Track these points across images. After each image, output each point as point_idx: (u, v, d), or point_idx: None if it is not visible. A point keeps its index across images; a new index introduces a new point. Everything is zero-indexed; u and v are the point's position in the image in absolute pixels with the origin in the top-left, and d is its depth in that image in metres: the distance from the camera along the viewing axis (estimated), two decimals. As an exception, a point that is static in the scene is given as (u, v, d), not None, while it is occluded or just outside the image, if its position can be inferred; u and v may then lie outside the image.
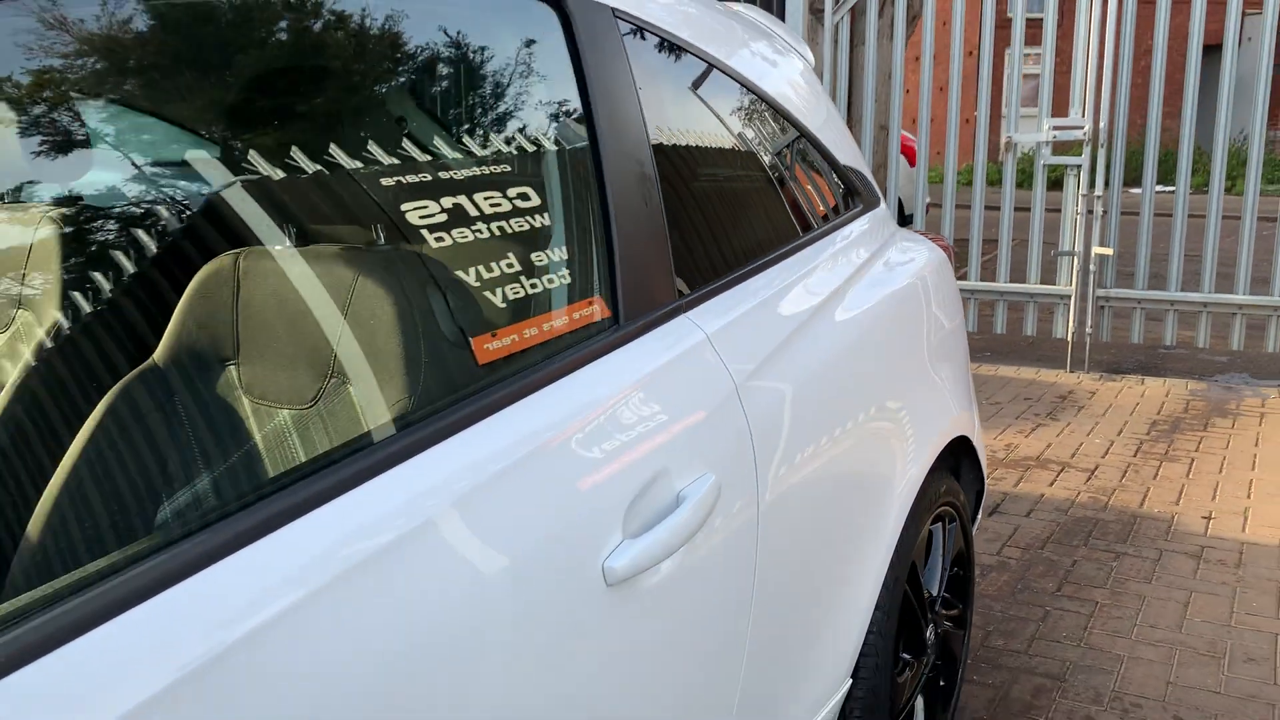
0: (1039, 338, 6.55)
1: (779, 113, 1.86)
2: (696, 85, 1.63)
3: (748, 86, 1.78)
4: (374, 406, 0.96)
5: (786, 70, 1.96)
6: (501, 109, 1.21)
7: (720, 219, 1.58)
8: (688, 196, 1.50)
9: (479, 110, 1.18)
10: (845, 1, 6.17)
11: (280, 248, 0.92)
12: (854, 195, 2.09)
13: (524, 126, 1.23)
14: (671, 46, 1.57)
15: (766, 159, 1.78)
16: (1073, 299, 5.94)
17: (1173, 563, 3.36)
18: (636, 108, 1.41)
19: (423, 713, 0.89)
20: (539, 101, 1.27)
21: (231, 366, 0.91)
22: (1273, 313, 5.63)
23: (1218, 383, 5.63)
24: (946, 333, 2.20)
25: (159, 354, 0.86)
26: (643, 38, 1.50)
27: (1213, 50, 13.23)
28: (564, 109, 1.30)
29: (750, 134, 1.75)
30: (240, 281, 0.91)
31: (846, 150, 2.11)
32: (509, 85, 1.22)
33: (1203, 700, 2.56)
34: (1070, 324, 5.95)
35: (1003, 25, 19.44)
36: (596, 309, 1.27)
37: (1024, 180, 13.99)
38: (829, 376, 1.64)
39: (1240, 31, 5.71)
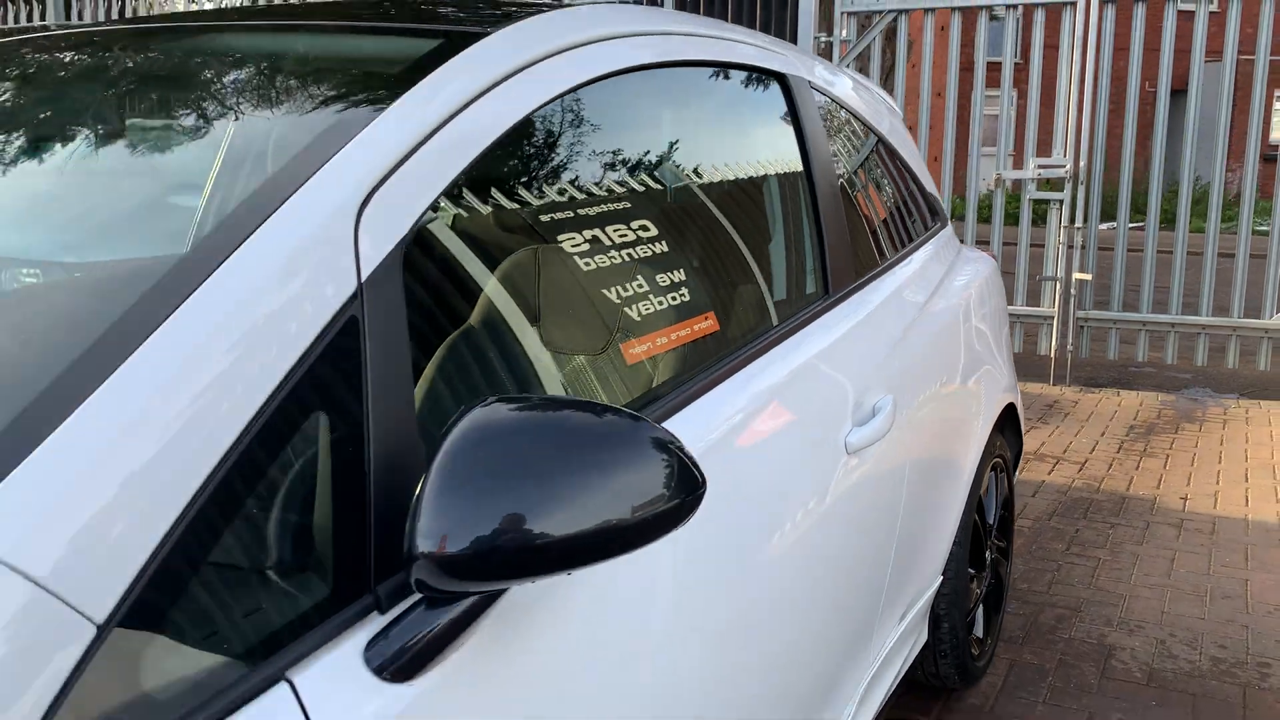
0: (1026, 354, 7.23)
1: (891, 151, 2.50)
2: (848, 128, 2.26)
3: (875, 132, 2.42)
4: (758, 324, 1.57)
5: (893, 120, 2.60)
6: (758, 141, 1.83)
7: (872, 227, 2.21)
8: (854, 210, 2.13)
9: (749, 140, 1.80)
10: (853, 50, 6.88)
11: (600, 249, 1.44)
12: (935, 214, 2.74)
13: (771, 155, 1.86)
14: (836, 102, 2.21)
15: (889, 185, 2.42)
16: (1055, 320, 6.64)
17: (1158, 531, 4.01)
18: (826, 143, 2.04)
19: (756, 501, 1.48)
20: (778, 136, 1.89)
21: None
22: (1231, 333, 6.36)
23: (1185, 395, 6.33)
24: (1001, 321, 2.85)
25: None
26: (820, 96, 2.13)
27: (1180, 93, 14.18)
28: (788, 144, 1.93)
29: (879, 166, 2.39)
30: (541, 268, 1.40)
31: (928, 181, 2.75)
32: (762, 125, 1.85)
33: (1190, 624, 3.20)
34: (1054, 342, 6.65)
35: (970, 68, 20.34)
36: (819, 286, 1.89)
37: (1010, 217, 14.82)
38: (940, 343, 2.27)
39: (1201, 79, 6.46)
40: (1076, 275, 6.55)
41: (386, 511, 0.95)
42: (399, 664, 0.90)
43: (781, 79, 1.96)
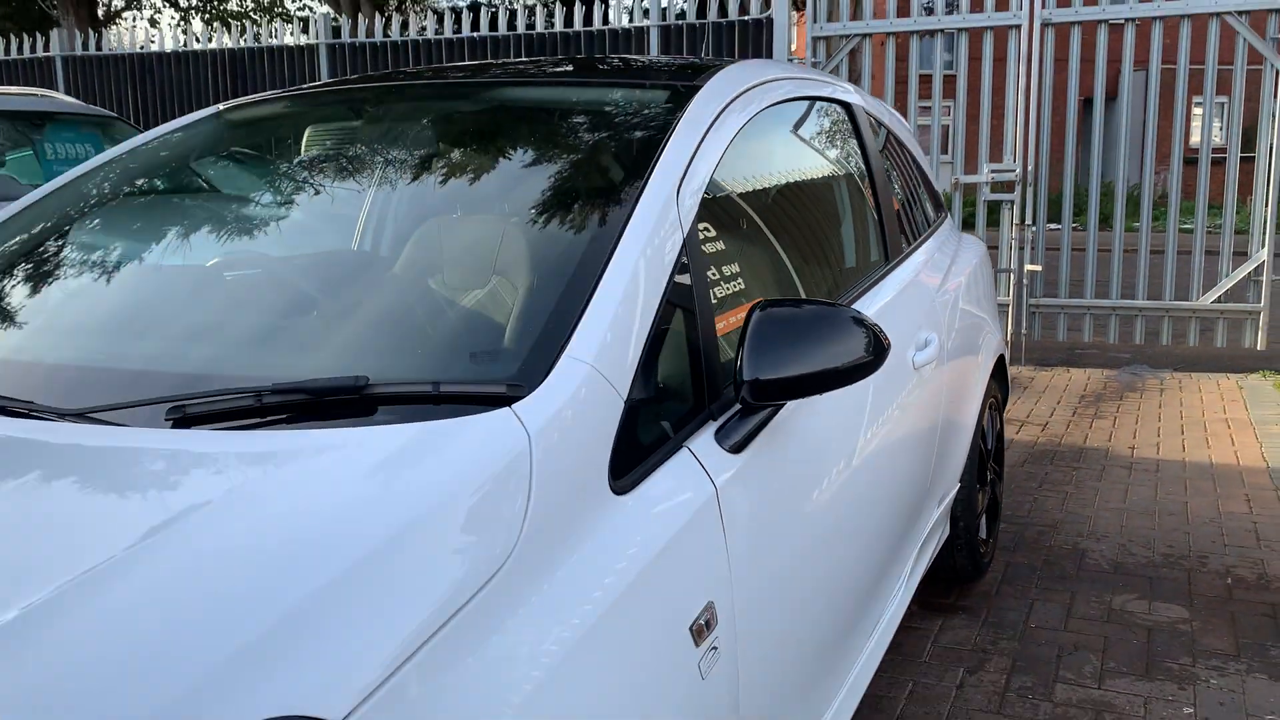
0: (983, 340, 8.03)
1: (912, 156, 3.26)
2: (886, 142, 3.01)
3: (901, 142, 3.17)
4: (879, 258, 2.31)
5: (907, 132, 3.35)
6: (844, 150, 2.56)
7: (908, 213, 2.95)
8: (897, 200, 2.87)
9: (841, 149, 2.53)
10: (823, 70, 7.68)
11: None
12: (939, 206, 3.49)
13: (851, 160, 2.59)
14: (877, 120, 2.95)
15: (914, 182, 3.17)
16: (1010, 307, 7.46)
17: (1112, 471, 4.80)
18: (878, 152, 2.78)
19: (875, 388, 2.20)
20: (851, 147, 2.62)
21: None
22: (1165, 314, 7.23)
23: (1126, 370, 7.18)
24: (992, 291, 3.61)
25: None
26: (868, 116, 2.87)
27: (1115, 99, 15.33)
28: (857, 153, 2.66)
29: (906, 168, 3.13)
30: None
31: (934, 180, 3.51)
32: (843, 139, 2.58)
33: (1144, 533, 3.97)
34: (1009, 327, 7.47)
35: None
36: (881, 255, 2.63)
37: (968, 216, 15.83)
38: (959, 300, 3.01)
39: (1130, 89, 7.35)
40: (1028, 267, 7.38)
41: (710, 364, 1.65)
42: (733, 443, 1.61)
43: (847, 106, 2.70)
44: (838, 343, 1.63)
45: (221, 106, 2.46)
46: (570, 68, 2.33)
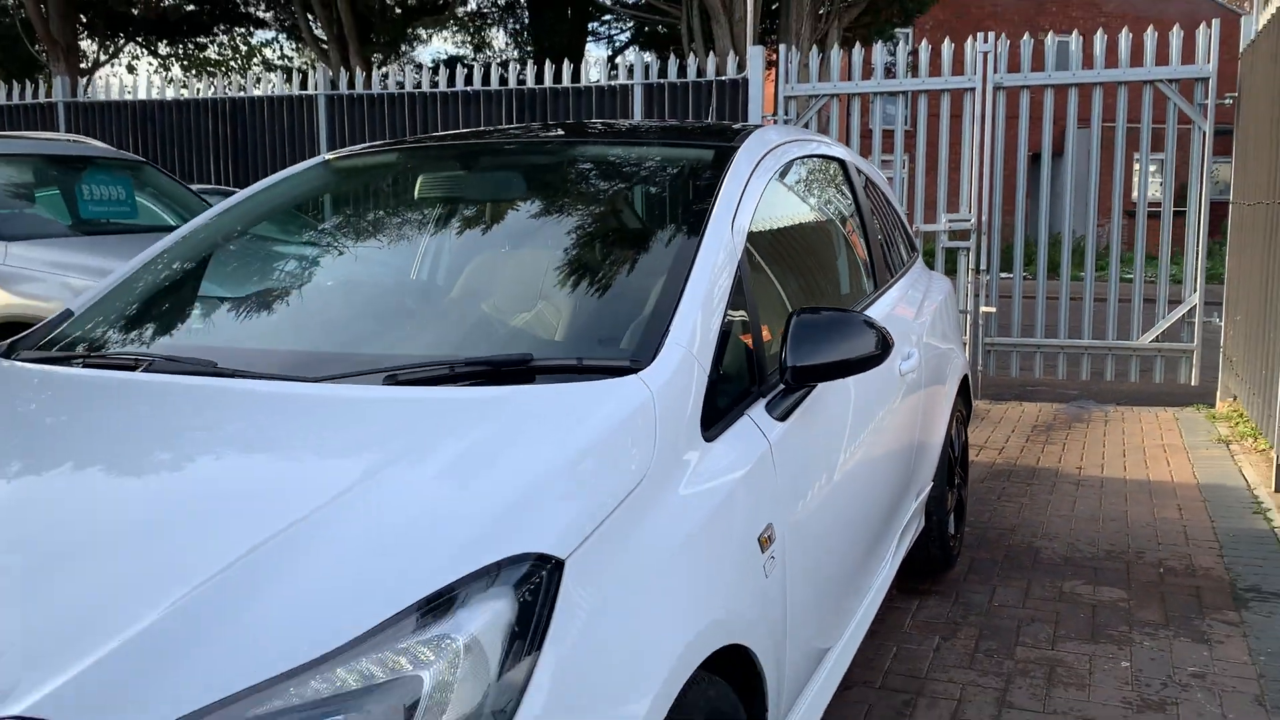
0: (943, 376, 8.65)
1: (889, 203, 3.84)
2: (868, 189, 3.59)
3: (882, 191, 3.75)
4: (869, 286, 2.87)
5: (885, 183, 3.94)
6: (841, 198, 3.13)
7: (888, 250, 3.53)
8: (881, 239, 3.44)
9: (840, 196, 3.10)
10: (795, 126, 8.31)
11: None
12: (912, 247, 4.08)
13: (846, 206, 3.16)
14: (862, 173, 3.53)
15: (891, 225, 3.75)
16: (967, 345, 8.09)
17: (1062, 487, 5.38)
18: (865, 199, 3.35)
19: (871, 389, 2.74)
20: (845, 196, 3.19)
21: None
22: (1108, 352, 7.90)
23: (1073, 405, 7.81)
24: (957, 320, 4.19)
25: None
26: (855, 168, 3.45)
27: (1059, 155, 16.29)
28: (850, 200, 3.23)
29: (885, 213, 3.71)
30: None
31: (906, 224, 4.10)
32: (840, 189, 3.16)
33: (1090, 534, 4.54)
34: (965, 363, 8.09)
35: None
36: (871, 283, 3.19)
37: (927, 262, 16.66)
38: (933, 323, 3.58)
39: (1074, 146, 8.07)
40: (983, 309, 8.02)
41: (759, 356, 2.18)
42: (779, 413, 2.14)
43: (841, 162, 3.27)
44: (855, 339, 2.17)
45: (330, 155, 2.98)
46: (630, 130, 2.89)
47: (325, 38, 16.59)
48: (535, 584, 1.40)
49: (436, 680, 1.27)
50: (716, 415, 1.97)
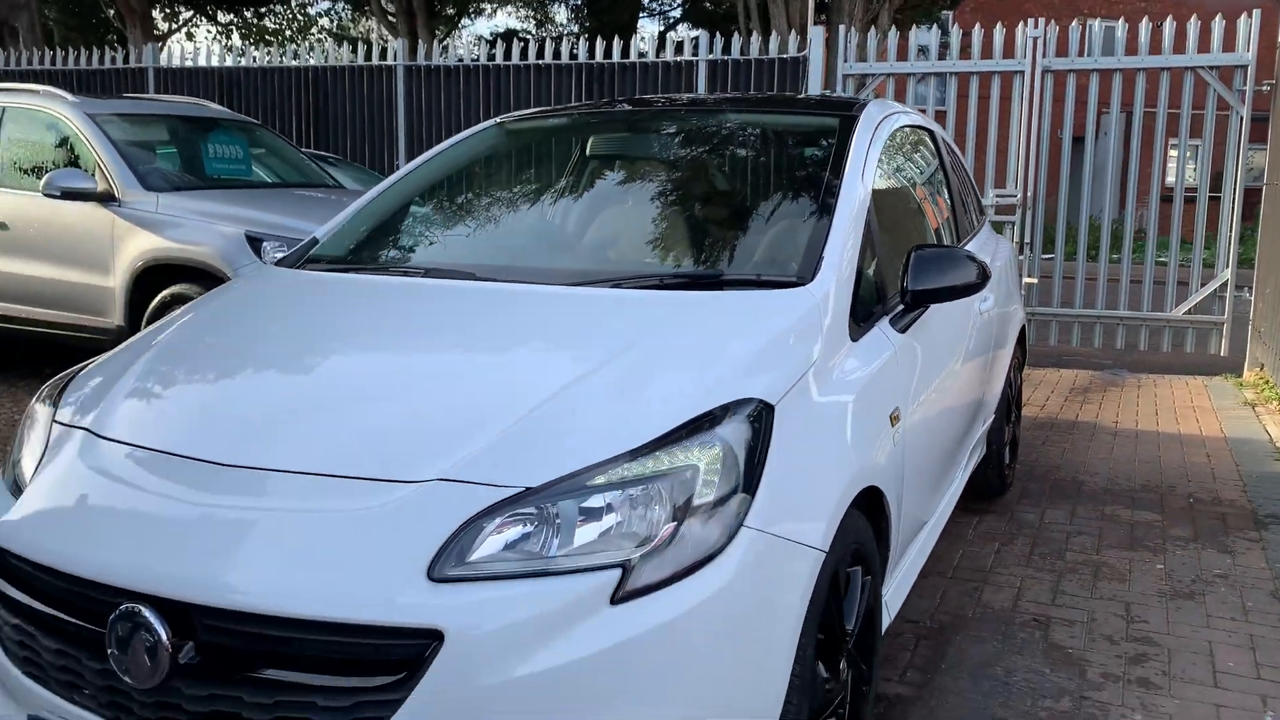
0: (984, 343, 9.17)
1: (966, 172, 4.40)
2: (950, 157, 4.14)
3: (960, 161, 4.31)
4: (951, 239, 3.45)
5: (959, 156, 4.49)
6: (932, 164, 3.69)
7: (966, 210, 4.09)
8: (960, 200, 4.00)
9: (931, 163, 3.66)
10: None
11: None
12: (981, 211, 4.63)
13: (935, 172, 3.72)
14: (945, 143, 4.08)
15: (967, 191, 4.31)
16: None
17: (1100, 437, 5.93)
18: (950, 166, 3.91)
19: (957, 323, 3.31)
20: (933, 162, 3.76)
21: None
22: (1142, 323, 8.41)
23: (1107, 372, 8.34)
24: (1018, 276, 4.75)
25: None
26: (941, 139, 4.00)
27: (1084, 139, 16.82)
28: (938, 166, 3.79)
29: (963, 180, 4.27)
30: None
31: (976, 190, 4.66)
32: (930, 155, 3.72)
33: (1127, 472, 5.10)
34: (1009, 330, 8.62)
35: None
36: (955, 237, 3.75)
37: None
38: (1003, 275, 4.15)
39: (1098, 126, 8.55)
40: (1026, 280, 8.53)
41: (882, 282, 2.76)
42: (900, 327, 2.71)
43: (931, 132, 3.83)
44: (961, 270, 2.73)
45: (501, 119, 3.57)
46: (765, 100, 3.46)
47: (393, 10, 17.21)
48: (758, 417, 1.99)
49: (704, 469, 1.86)
50: (856, 324, 2.55)
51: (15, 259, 6.29)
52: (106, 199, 5.98)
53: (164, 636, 1.74)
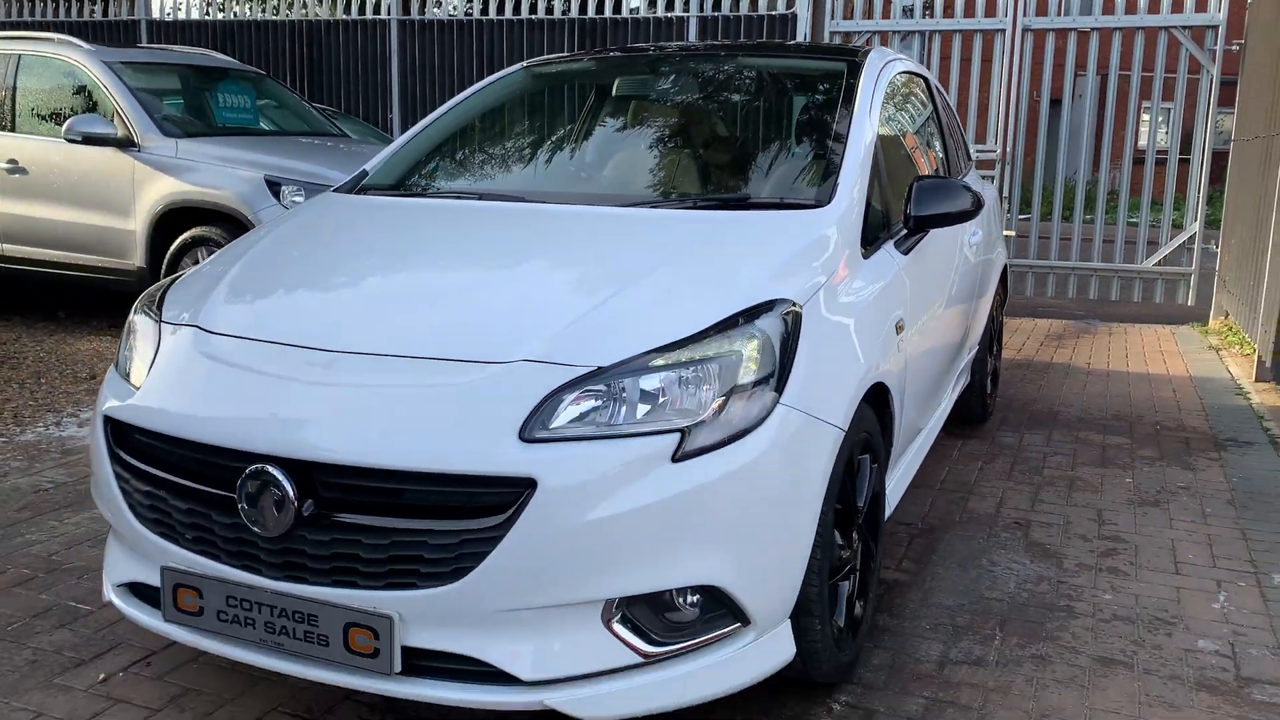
0: (963, 294, 9.54)
1: (954, 115, 4.71)
2: (942, 102, 4.44)
3: (951, 107, 4.62)
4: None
5: (950, 103, 4.80)
6: (927, 107, 4.00)
7: (957, 151, 4.40)
8: (951, 143, 4.32)
9: (927, 106, 3.97)
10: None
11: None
12: (968, 155, 4.95)
13: (930, 115, 4.03)
14: (937, 90, 4.39)
15: (957, 135, 4.62)
16: (988, 265, 8.97)
17: (1074, 375, 6.31)
18: (944, 110, 4.22)
19: (951, 243, 3.63)
20: (928, 107, 4.06)
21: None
22: (1114, 275, 8.79)
23: (1080, 322, 8.72)
24: (1001, 217, 5.08)
25: None
26: (935, 86, 4.30)
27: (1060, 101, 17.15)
28: (931, 110, 4.10)
29: (952, 122, 4.58)
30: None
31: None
32: (925, 100, 4.02)
33: (1099, 405, 5.47)
34: (988, 281, 8.98)
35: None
36: (943, 173, 4.06)
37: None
38: (986, 220, 4.47)
39: (1074, 88, 8.87)
40: (1004, 232, 8.89)
41: (888, 209, 3.07)
42: (904, 249, 3.03)
43: (925, 78, 4.13)
44: (958, 198, 3.04)
45: (527, 63, 3.85)
46: (778, 46, 3.74)
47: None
48: (789, 316, 2.30)
49: (747, 355, 2.17)
50: (866, 244, 2.86)
51: (36, 203, 6.49)
52: (126, 144, 6.19)
53: (290, 490, 2.03)
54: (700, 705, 2.32)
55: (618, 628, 2.06)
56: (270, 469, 2.05)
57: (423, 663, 2.07)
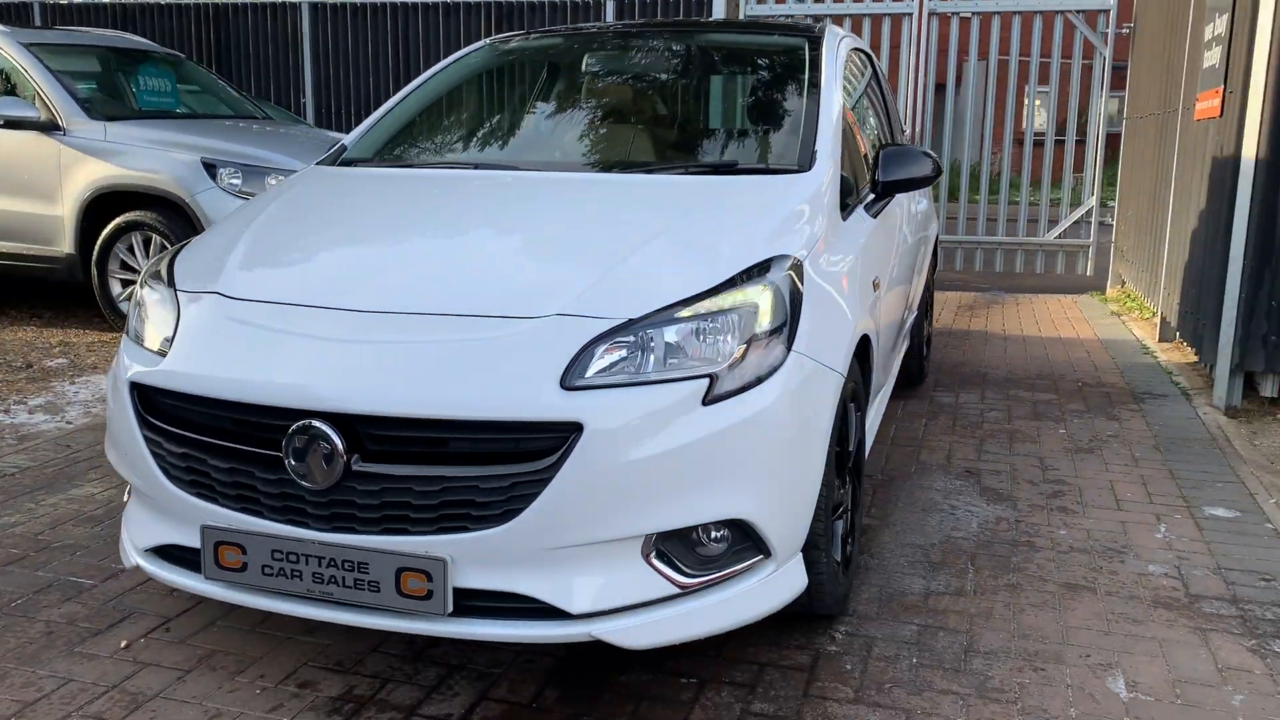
0: (877, 270, 9.90)
1: (891, 91, 4.95)
2: (883, 79, 4.67)
3: (888, 87, 4.86)
4: None
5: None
6: (872, 81, 4.22)
7: (896, 123, 4.63)
8: (892, 115, 4.55)
9: (872, 82, 4.18)
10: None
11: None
12: (902, 129, 5.20)
13: (874, 86, 4.24)
14: (877, 65, 4.61)
15: (893, 107, 4.86)
16: (901, 241, 9.33)
17: (993, 341, 6.65)
18: (884, 85, 4.44)
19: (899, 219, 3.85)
20: (873, 79, 4.28)
21: None
22: (1018, 247, 9.23)
23: (988, 294, 9.14)
24: (931, 193, 5.35)
25: None
26: (876, 64, 4.53)
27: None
28: (876, 83, 4.32)
29: (890, 98, 4.82)
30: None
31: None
32: (872, 75, 4.24)
33: (1021, 367, 5.80)
34: (901, 256, 9.35)
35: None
36: (889, 142, 4.30)
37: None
38: (923, 192, 4.73)
39: (977, 72, 9.30)
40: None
41: (858, 174, 3.26)
42: (871, 212, 3.24)
43: (869, 55, 4.34)
44: (920, 165, 3.25)
45: (497, 39, 3.93)
46: (745, 23, 3.90)
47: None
48: (795, 269, 2.46)
49: (762, 305, 2.32)
50: (842, 208, 3.05)
51: (-48, 189, 6.28)
52: (50, 128, 6.04)
53: (339, 444, 2.12)
54: (717, 639, 2.49)
55: (655, 562, 2.20)
56: (318, 424, 2.13)
57: (470, 603, 2.17)
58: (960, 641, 2.67)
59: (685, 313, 2.26)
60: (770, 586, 2.35)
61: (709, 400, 2.19)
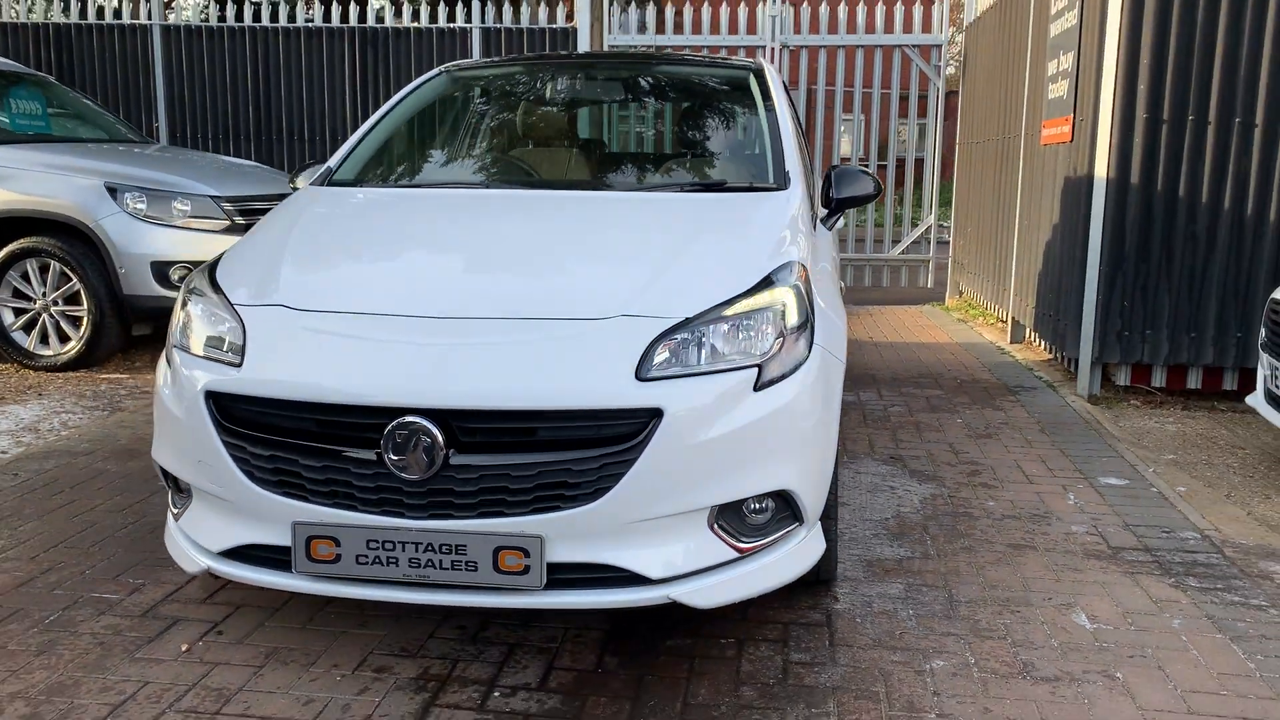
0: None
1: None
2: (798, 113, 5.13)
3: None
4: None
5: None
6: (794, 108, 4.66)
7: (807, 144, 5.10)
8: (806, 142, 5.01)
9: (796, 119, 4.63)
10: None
11: None
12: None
13: (797, 119, 4.69)
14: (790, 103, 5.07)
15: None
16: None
17: (865, 349, 7.23)
18: (799, 115, 4.90)
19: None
20: (793, 104, 4.73)
21: None
22: (865, 264, 9.96)
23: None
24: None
25: None
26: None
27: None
28: (795, 107, 4.77)
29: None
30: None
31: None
32: (792, 101, 4.69)
33: (904, 368, 6.38)
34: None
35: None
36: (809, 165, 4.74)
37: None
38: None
39: (827, 102, 10.03)
40: (774, 228, 9.86)
41: (812, 191, 3.66)
42: (827, 226, 3.64)
43: (786, 84, 4.78)
44: (864, 184, 3.68)
45: (447, 66, 4.15)
46: (691, 58, 4.25)
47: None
48: (803, 273, 2.82)
49: (788, 305, 2.66)
50: (811, 222, 3.44)
51: None
52: (-71, 152, 5.79)
53: (440, 437, 2.32)
54: (740, 606, 2.81)
55: (719, 530, 2.50)
56: (418, 419, 2.33)
57: (559, 576, 2.41)
58: (942, 595, 3.07)
59: (729, 311, 2.58)
60: (803, 549, 2.68)
61: (759, 387, 2.51)
